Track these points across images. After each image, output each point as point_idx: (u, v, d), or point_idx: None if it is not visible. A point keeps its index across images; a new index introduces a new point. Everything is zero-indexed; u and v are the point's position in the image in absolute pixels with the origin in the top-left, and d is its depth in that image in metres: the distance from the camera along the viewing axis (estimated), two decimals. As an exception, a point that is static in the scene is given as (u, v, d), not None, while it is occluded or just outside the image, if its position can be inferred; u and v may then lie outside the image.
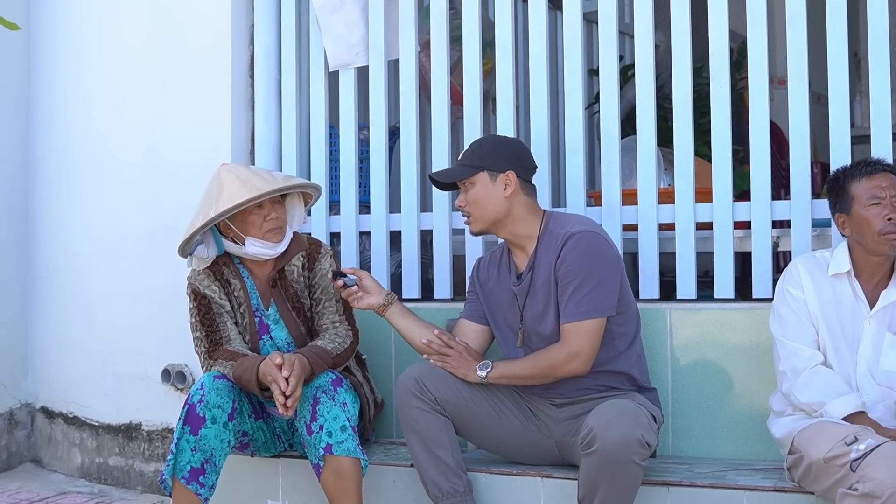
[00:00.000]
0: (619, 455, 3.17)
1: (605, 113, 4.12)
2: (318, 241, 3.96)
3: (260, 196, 3.68)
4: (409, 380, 3.55)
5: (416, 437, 3.53)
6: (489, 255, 3.75)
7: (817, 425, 3.21)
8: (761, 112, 3.89)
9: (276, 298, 3.81)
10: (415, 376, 3.55)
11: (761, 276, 3.86)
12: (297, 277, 3.83)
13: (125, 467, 4.81)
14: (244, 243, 3.74)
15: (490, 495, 3.65)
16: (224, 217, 3.68)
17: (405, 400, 3.54)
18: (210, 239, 3.75)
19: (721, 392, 3.82)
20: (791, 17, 3.85)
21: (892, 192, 3.26)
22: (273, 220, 3.74)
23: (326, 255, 3.88)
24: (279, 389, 3.45)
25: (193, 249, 3.72)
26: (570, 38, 4.18)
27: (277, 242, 3.76)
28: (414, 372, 3.57)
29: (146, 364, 4.74)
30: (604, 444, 3.17)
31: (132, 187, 4.82)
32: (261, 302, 3.82)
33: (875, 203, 3.27)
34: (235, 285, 3.80)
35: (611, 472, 3.19)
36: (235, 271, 3.81)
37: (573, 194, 4.14)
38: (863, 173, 3.31)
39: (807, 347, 3.34)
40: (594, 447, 3.19)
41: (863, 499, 2.91)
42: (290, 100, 4.59)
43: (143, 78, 4.79)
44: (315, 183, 3.96)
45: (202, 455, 3.50)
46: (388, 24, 4.44)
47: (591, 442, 3.20)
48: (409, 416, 3.53)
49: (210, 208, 3.68)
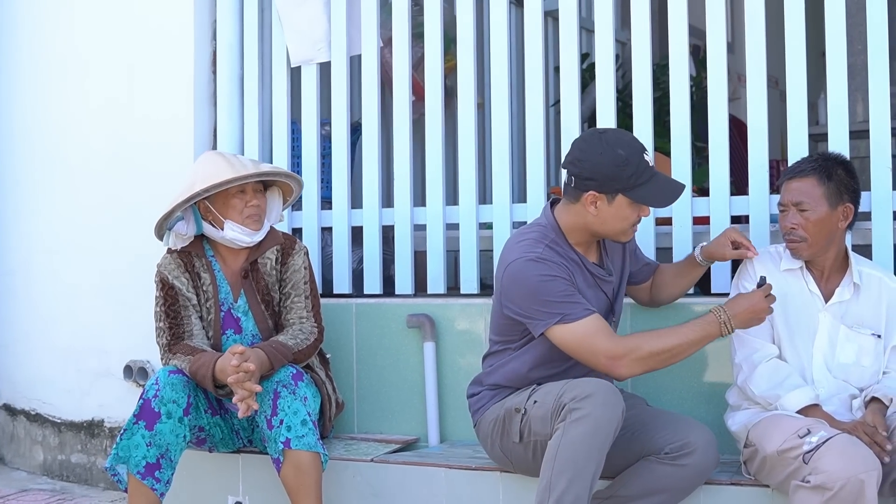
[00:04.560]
0: (707, 473, 3.30)
1: (565, 109, 4.13)
2: (293, 237, 3.98)
3: (247, 176, 3.71)
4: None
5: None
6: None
7: (772, 418, 3.23)
8: (720, 108, 3.91)
9: (247, 290, 3.82)
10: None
11: (720, 271, 3.88)
12: (270, 271, 3.84)
13: (87, 464, 4.79)
14: (223, 227, 3.75)
15: (450, 490, 3.66)
16: (210, 193, 3.69)
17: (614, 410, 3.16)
18: (191, 216, 3.76)
19: (680, 387, 3.83)
20: (750, 14, 3.87)
21: (796, 199, 3.31)
22: (254, 206, 3.77)
23: (301, 252, 3.89)
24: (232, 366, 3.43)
25: (173, 225, 3.73)
26: (532, 34, 4.19)
27: (256, 230, 3.78)
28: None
29: (109, 360, 4.72)
30: (700, 460, 3.25)
31: (95, 183, 4.80)
32: (230, 293, 3.83)
33: (782, 210, 3.37)
34: (205, 280, 3.80)
35: (689, 486, 3.30)
36: (207, 265, 3.81)
37: (534, 190, 4.14)
38: (784, 178, 3.40)
39: (762, 341, 3.36)
40: (687, 461, 3.24)
41: (815, 491, 2.93)
42: (253, 95, 4.58)
43: (106, 73, 4.78)
44: (298, 177, 3.96)
45: (157, 450, 3.49)
46: (350, 19, 4.44)
47: (686, 455, 3.24)
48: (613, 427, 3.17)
49: (195, 183, 3.69)
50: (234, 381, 3.44)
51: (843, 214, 3.33)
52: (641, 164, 3.22)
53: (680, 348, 3.19)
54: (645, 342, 3.19)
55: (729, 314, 3.19)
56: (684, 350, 3.20)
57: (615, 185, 3.21)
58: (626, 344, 3.19)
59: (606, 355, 3.17)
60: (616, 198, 3.24)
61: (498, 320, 3.44)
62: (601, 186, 3.22)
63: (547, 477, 3.10)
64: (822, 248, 3.33)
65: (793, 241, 3.33)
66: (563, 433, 3.09)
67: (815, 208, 3.29)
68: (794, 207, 3.32)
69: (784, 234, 3.36)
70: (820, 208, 3.29)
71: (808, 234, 3.30)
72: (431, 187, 4.30)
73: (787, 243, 3.37)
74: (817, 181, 3.31)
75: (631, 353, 3.16)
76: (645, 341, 3.19)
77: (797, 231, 3.31)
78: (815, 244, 3.32)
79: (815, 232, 3.30)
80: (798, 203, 3.31)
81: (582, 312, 3.19)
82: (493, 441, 3.43)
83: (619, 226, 3.30)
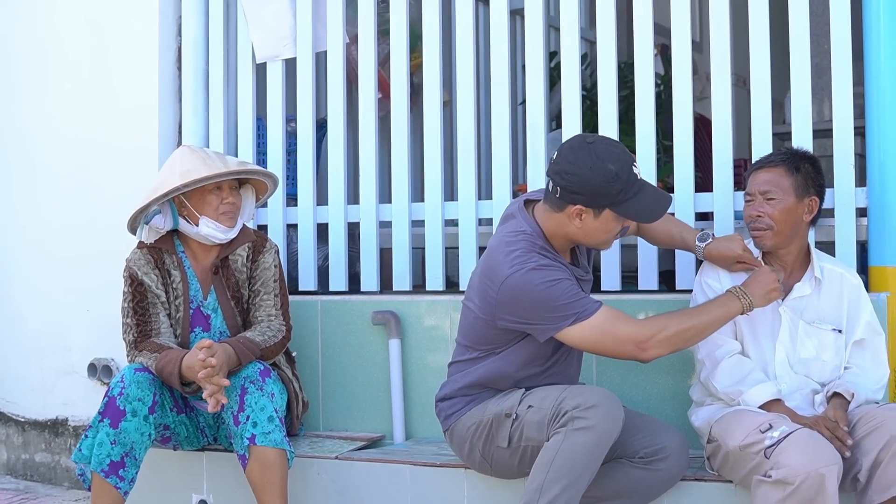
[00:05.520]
0: (677, 478, 3.33)
1: (531, 107, 4.14)
2: (265, 235, 3.99)
3: (228, 173, 3.73)
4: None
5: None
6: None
7: (734, 414, 3.25)
8: (685, 106, 3.92)
9: (217, 286, 3.82)
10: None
11: (684, 267, 3.89)
12: (241, 268, 3.84)
13: (51, 463, 4.76)
14: (197, 223, 3.75)
15: (415, 486, 3.66)
16: (188, 189, 3.69)
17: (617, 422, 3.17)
18: (168, 211, 3.76)
19: (645, 384, 3.85)
20: (714, 13, 3.90)
21: (763, 188, 3.33)
22: (230, 203, 3.78)
23: (271, 250, 3.90)
24: (199, 359, 3.42)
25: (150, 219, 3.72)
26: (497, 32, 4.19)
27: (230, 227, 3.79)
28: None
29: (73, 358, 4.69)
30: (673, 466, 3.29)
31: (60, 179, 4.76)
32: (200, 290, 3.82)
33: (749, 200, 3.38)
34: (175, 276, 3.79)
35: (659, 490, 3.33)
36: (177, 261, 3.80)
37: (500, 188, 4.15)
38: (752, 169, 3.42)
39: (725, 337, 3.38)
40: (661, 466, 3.27)
41: (776, 485, 2.95)
42: (218, 92, 4.56)
43: (71, 69, 4.74)
44: (275, 175, 3.96)
45: (122, 448, 3.47)
46: (316, 15, 4.43)
47: (660, 459, 3.27)
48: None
49: (173, 179, 3.69)
50: (203, 376, 3.43)
51: (808, 207, 3.35)
52: (630, 178, 3.16)
53: (703, 325, 3.21)
54: (670, 322, 3.19)
55: (749, 293, 3.22)
56: (707, 327, 3.22)
57: (603, 200, 3.16)
58: (650, 326, 3.18)
59: (633, 341, 3.15)
60: (603, 212, 3.19)
61: (483, 331, 3.33)
62: (589, 201, 3.17)
63: (539, 480, 3.09)
64: (786, 240, 3.35)
65: (758, 228, 3.34)
66: (564, 439, 3.08)
67: (783, 198, 3.31)
68: (762, 196, 3.33)
69: (748, 223, 3.37)
70: (787, 198, 3.31)
71: (775, 222, 3.31)
72: (397, 184, 4.29)
73: (751, 231, 3.38)
74: (786, 172, 3.33)
75: (657, 334, 3.15)
76: (670, 321, 3.19)
77: (763, 219, 3.32)
78: (780, 233, 3.33)
79: (781, 220, 3.31)
80: (765, 192, 3.32)
81: (594, 306, 3.17)
82: (472, 446, 3.38)
83: (602, 238, 3.28)
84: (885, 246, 3.66)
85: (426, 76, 4.29)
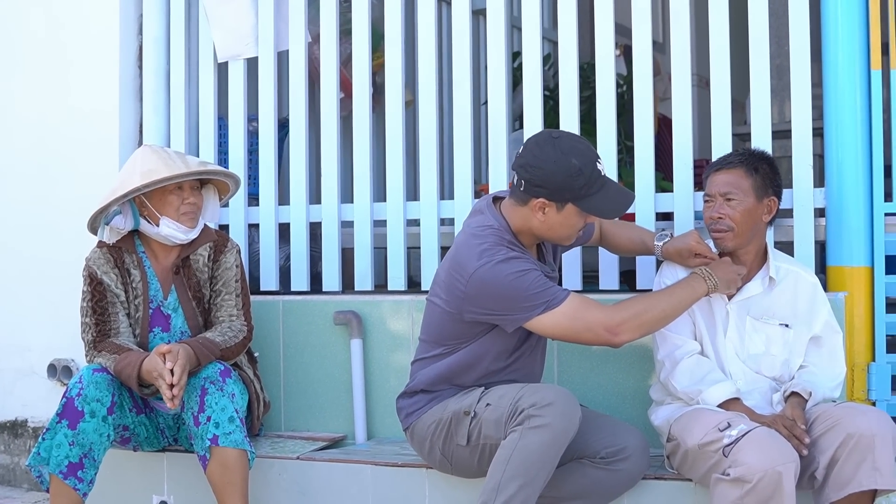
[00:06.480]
0: (637, 479, 3.35)
1: (493, 107, 4.15)
2: (226, 235, 3.98)
3: (189, 174, 3.72)
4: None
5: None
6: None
7: (693, 413, 3.27)
8: (646, 106, 3.94)
9: (178, 286, 3.80)
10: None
11: (645, 267, 3.91)
12: (202, 267, 3.83)
13: (10, 465, 4.72)
14: (158, 223, 3.73)
15: (376, 487, 3.65)
16: (148, 189, 3.68)
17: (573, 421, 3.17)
18: (128, 211, 3.74)
19: (606, 383, 3.86)
20: (675, 13, 3.92)
21: (723, 190, 3.36)
22: (191, 203, 3.77)
23: (233, 251, 3.89)
24: (165, 382, 3.42)
25: (111, 219, 3.70)
26: (459, 32, 4.20)
27: (191, 228, 3.78)
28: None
29: (32, 359, 4.67)
30: (634, 466, 3.30)
31: (19, 179, 4.73)
32: (160, 290, 3.81)
33: (708, 201, 3.40)
34: (135, 276, 3.78)
35: (619, 490, 3.34)
36: (137, 261, 3.79)
37: (462, 188, 4.15)
38: (710, 170, 3.44)
39: (684, 338, 3.40)
40: (622, 466, 3.28)
41: (734, 483, 2.97)
42: (179, 91, 4.54)
43: (31, 68, 4.71)
44: (237, 176, 3.95)
45: (80, 449, 3.45)
46: (278, 15, 4.42)
47: (621, 460, 3.27)
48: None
49: (133, 179, 3.67)
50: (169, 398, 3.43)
51: (767, 208, 3.38)
52: (594, 174, 3.18)
53: (671, 306, 3.24)
54: (639, 305, 3.22)
55: (714, 275, 3.28)
56: (676, 308, 3.25)
57: (566, 194, 3.18)
58: (620, 311, 3.19)
59: (604, 326, 3.17)
60: (566, 206, 3.21)
61: (449, 326, 3.33)
62: (552, 195, 3.19)
63: (496, 479, 3.10)
64: (746, 240, 3.37)
65: (719, 230, 3.36)
66: (520, 438, 3.08)
67: (743, 199, 3.33)
68: (722, 198, 3.35)
69: (709, 225, 3.39)
70: (747, 199, 3.34)
71: (735, 223, 3.33)
72: (359, 184, 4.29)
73: (712, 233, 3.40)
74: (745, 173, 3.36)
75: (628, 318, 3.18)
76: (638, 304, 3.22)
77: (724, 220, 3.34)
78: (741, 234, 3.35)
79: (742, 221, 3.34)
80: (725, 193, 3.34)
81: (563, 294, 3.18)
82: (432, 444, 3.39)
83: (564, 232, 3.29)
84: (842, 246, 3.69)
85: (388, 76, 4.29)
